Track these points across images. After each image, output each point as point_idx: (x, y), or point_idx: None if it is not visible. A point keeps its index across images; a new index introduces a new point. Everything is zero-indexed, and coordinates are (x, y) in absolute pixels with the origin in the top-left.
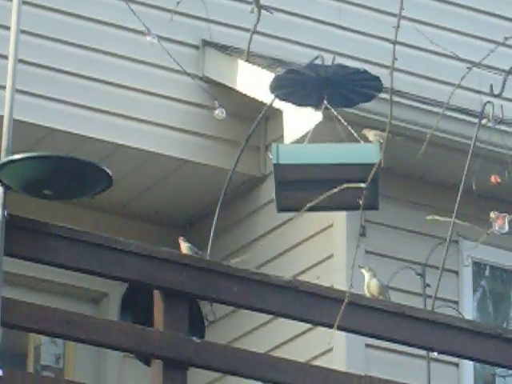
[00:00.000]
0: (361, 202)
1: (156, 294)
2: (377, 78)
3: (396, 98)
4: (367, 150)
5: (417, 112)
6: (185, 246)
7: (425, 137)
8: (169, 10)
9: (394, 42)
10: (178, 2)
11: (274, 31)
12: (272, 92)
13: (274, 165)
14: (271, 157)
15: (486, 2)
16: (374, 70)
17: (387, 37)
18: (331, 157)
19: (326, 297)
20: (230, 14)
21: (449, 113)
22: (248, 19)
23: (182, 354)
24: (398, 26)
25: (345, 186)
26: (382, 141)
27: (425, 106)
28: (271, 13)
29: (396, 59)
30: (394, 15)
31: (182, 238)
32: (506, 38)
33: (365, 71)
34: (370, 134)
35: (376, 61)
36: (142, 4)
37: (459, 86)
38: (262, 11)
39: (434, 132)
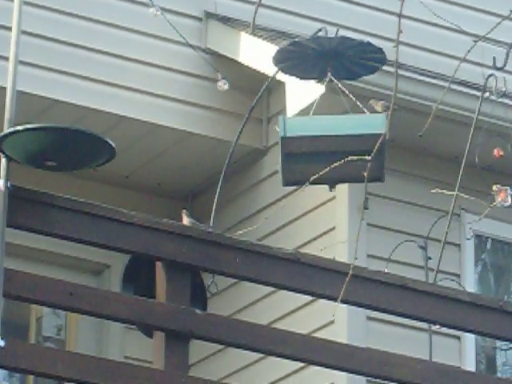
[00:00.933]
0: (365, 174)
1: (158, 265)
2: (380, 50)
3: (400, 71)
4: (374, 121)
5: (420, 85)
6: (187, 221)
7: (427, 110)
8: None
9: (400, 15)
10: None
11: (278, 3)
12: (275, 64)
13: (281, 138)
14: (278, 129)
15: None
16: (378, 43)
17: (391, 10)
18: (339, 128)
19: (329, 269)
20: None
21: (452, 86)
22: None
23: (184, 326)
24: None
25: (349, 158)
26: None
27: (428, 79)
28: None
29: (401, 32)
30: None
31: (184, 211)
32: (511, 12)
33: (368, 43)
34: (378, 105)
35: (380, 34)
36: None
37: (459, 59)
38: None
39: (437, 105)
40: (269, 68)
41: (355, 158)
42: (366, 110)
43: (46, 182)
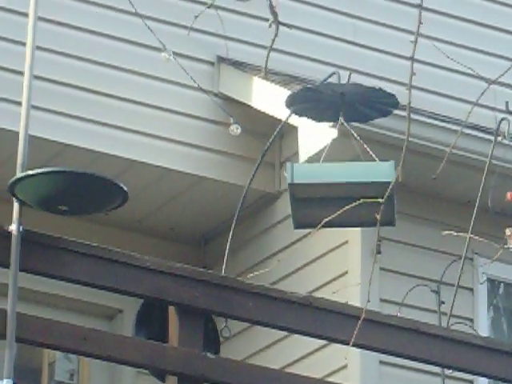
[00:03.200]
0: (378, 217)
1: (171, 310)
2: (392, 96)
3: (412, 115)
4: (383, 168)
5: (432, 129)
6: None
7: (439, 153)
8: (184, 27)
9: (412, 58)
10: (196, 17)
11: (289, 48)
12: (287, 107)
13: (289, 184)
14: (286, 176)
15: (502, 19)
16: (389, 88)
17: (403, 54)
18: (346, 175)
19: (341, 313)
20: (244, 31)
21: (464, 130)
22: (263, 36)
23: (196, 370)
24: (416, 41)
25: (362, 201)
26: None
27: (440, 123)
28: (290, 28)
29: (414, 74)
30: (408, 32)
31: None
32: None
33: (380, 89)
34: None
35: (392, 78)
36: (158, 20)
37: (476, 104)
38: (280, 27)
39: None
40: (281, 112)
41: (368, 200)
42: (374, 157)
43: (59, 225)
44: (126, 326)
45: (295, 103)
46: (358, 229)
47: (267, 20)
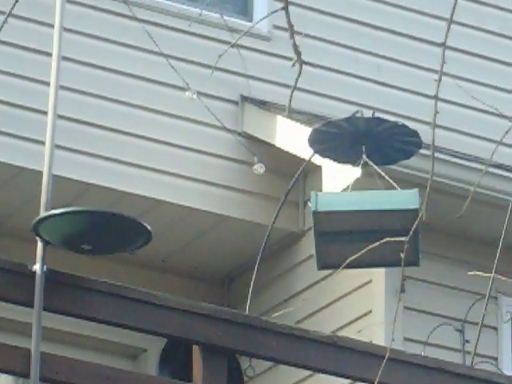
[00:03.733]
0: (402, 256)
1: (195, 349)
2: (416, 133)
3: (436, 154)
4: (407, 196)
5: (456, 167)
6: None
7: (463, 192)
8: (208, 66)
9: (436, 96)
10: (220, 56)
11: (313, 87)
12: (310, 146)
13: (313, 212)
14: (310, 205)
15: None
16: (413, 126)
17: (426, 92)
18: (371, 203)
19: (366, 352)
20: (268, 70)
21: (489, 168)
22: (286, 75)
23: None
24: (440, 80)
25: (385, 239)
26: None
27: (464, 162)
28: (313, 66)
29: (438, 112)
30: (432, 70)
31: None
32: None
33: (403, 125)
34: None
35: (415, 117)
36: (181, 60)
37: (500, 143)
38: (304, 66)
39: (475, 188)
40: (305, 151)
41: (392, 239)
42: (399, 189)
43: (83, 265)
44: (150, 366)
45: (318, 141)
46: (382, 268)
47: (290, 59)
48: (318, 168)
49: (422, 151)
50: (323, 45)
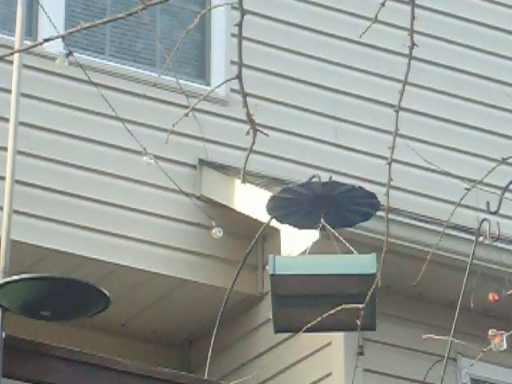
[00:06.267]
0: (359, 323)
1: None
2: (373, 195)
3: (393, 216)
4: (365, 261)
5: (413, 230)
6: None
7: (421, 254)
8: (166, 130)
9: (390, 163)
10: (176, 122)
11: (272, 150)
12: (269, 213)
13: (271, 275)
14: (268, 268)
15: (482, 119)
16: (371, 188)
17: (384, 155)
18: (329, 267)
19: None
20: (226, 133)
21: (446, 230)
22: (244, 139)
23: None
24: (393, 147)
25: (342, 307)
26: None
27: (421, 224)
28: (267, 135)
29: (391, 180)
30: (389, 132)
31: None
32: (504, 159)
33: (360, 188)
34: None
35: (373, 179)
36: (138, 124)
37: (453, 203)
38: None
39: (432, 250)
40: (264, 215)
41: (348, 306)
42: (356, 253)
43: (42, 330)
44: None
45: (276, 207)
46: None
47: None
48: (277, 231)
49: (381, 213)
50: (282, 108)
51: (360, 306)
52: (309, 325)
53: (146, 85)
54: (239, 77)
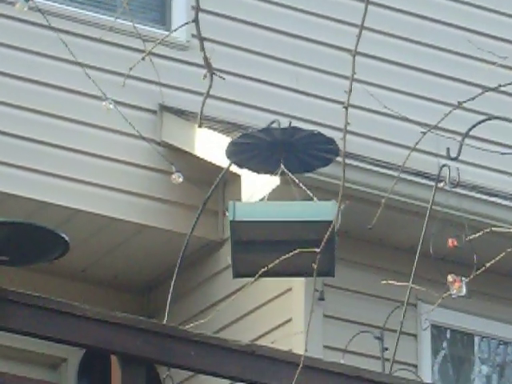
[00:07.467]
0: (315, 267)
1: (113, 359)
2: (332, 141)
3: (352, 162)
4: (324, 208)
5: (373, 175)
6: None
7: (380, 200)
8: (125, 75)
9: (346, 107)
10: (133, 66)
11: (232, 95)
12: (228, 158)
13: (231, 221)
14: (227, 214)
15: (441, 65)
16: (331, 133)
17: (343, 100)
18: (289, 214)
19: (284, 361)
20: (186, 79)
21: (406, 176)
22: (205, 84)
23: None
24: (350, 91)
25: (298, 250)
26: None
27: (382, 170)
28: (223, 78)
29: (349, 123)
30: (346, 77)
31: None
32: (460, 103)
33: (319, 133)
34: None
35: (333, 124)
36: (99, 69)
37: (415, 149)
38: (215, 77)
39: (392, 195)
40: (224, 160)
41: (305, 250)
42: (316, 200)
43: (1, 276)
44: (71, 375)
45: (236, 152)
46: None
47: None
48: (237, 177)
49: (339, 159)
50: (241, 53)
51: (316, 250)
52: (265, 268)
53: (105, 30)
54: (196, 20)
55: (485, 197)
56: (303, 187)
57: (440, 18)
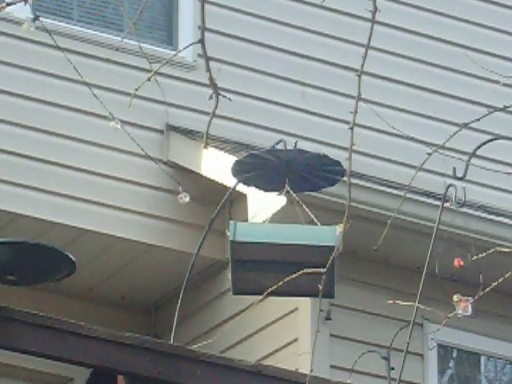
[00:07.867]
0: (320, 288)
1: (120, 379)
2: (338, 163)
3: (359, 181)
4: (326, 233)
5: (380, 195)
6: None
7: (387, 219)
8: (132, 95)
9: (352, 128)
10: (140, 85)
11: (238, 115)
12: (234, 176)
13: (231, 242)
14: (228, 234)
15: (447, 85)
16: (337, 153)
17: (350, 119)
18: (289, 237)
19: (290, 381)
20: (193, 98)
21: (412, 195)
22: (212, 104)
23: None
24: (356, 111)
25: (304, 271)
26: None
27: (388, 189)
28: (229, 99)
29: (355, 144)
30: (353, 97)
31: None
32: (466, 124)
33: (325, 156)
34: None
35: (340, 144)
36: (106, 89)
37: (421, 169)
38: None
39: (398, 215)
40: (230, 180)
41: (309, 270)
42: (317, 222)
43: (8, 295)
44: None
45: (242, 171)
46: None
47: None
48: (244, 196)
49: (345, 178)
50: (248, 73)
51: (322, 270)
52: (270, 289)
53: (113, 50)
54: (202, 41)
55: (491, 216)
56: (306, 209)
57: (446, 38)
